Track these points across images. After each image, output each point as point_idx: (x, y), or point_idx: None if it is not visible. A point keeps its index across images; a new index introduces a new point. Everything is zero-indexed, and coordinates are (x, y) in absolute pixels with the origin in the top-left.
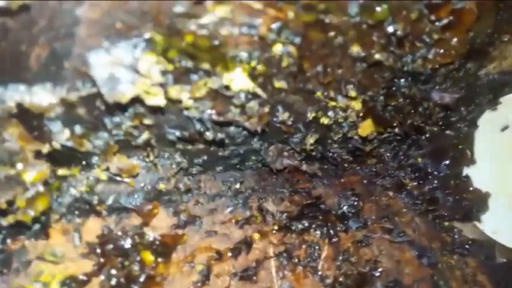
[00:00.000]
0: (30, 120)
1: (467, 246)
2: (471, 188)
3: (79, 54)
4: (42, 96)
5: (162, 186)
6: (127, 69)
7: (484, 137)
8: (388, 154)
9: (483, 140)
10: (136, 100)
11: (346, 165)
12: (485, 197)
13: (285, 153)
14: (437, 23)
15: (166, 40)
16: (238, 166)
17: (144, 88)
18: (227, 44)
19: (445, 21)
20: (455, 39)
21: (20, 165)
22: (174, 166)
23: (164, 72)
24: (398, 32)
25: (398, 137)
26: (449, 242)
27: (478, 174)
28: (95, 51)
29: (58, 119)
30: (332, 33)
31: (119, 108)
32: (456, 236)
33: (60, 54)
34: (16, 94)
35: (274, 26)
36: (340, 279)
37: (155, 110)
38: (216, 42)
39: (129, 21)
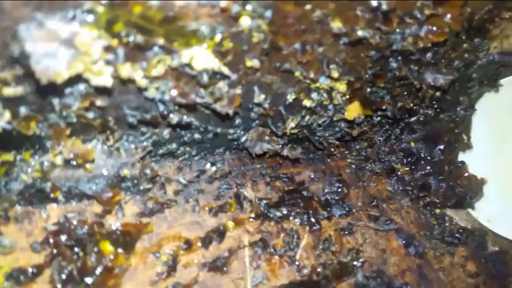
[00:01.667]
0: None
1: (457, 235)
2: (466, 174)
3: (7, 27)
4: None
5: (126, 172)
6: (63, 45)
7: (483, 120)
8: (379, 138)
9: (481, 124)
10: (80, 80)
11: (333, 149)
12: (481, 183)
13: (266, 137)
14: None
15: (110, 12)
16: (214, 150)
17: (85, 66)
18: (185, 17)
19: None
20: (449, 15)
21: None
22: (139, 150)
23: (108, 49)
24: (383, 7)
25: (389, 120)
26: (440, 231)
27: (475, 160)
28: (26, 25)
29: None
30: (308, 7)
31: (56, 88)
32: (447, 224)
33: None
34: None
35: None
36: (319, 269)
37: (104, 91)
38: (171, 14)
39: None
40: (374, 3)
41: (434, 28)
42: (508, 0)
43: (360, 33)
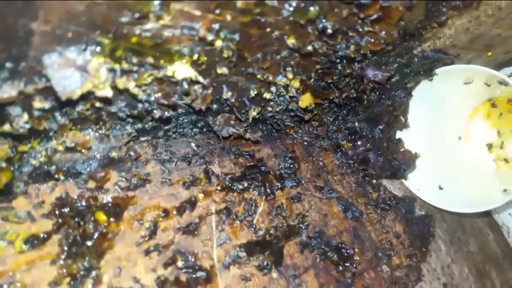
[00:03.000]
0: None
1: (389, 202)
2: (402, 149)
3: (34, 56)
4: (4, 90)
5: (114, 154)
6: (78, 70)
7: (419, 104)
8: (328, 118)
9: (418, 107)
10: (88, 93)
11: (288, 130)
12: (415, 157)
13: (232, 122)
14: (367, 19)
15: (113, 42)
16: (188, 133)
17: (94, 85)
18: (170, 42)
19: (374, 16)
20: (383, 32)
21: None
22: (125, 136)
23: (111, 70)
24: (329, 30)
25: (337, 105)
26: (375, 198)
27: (410, 137)
28: (48, 55)
29: (18, 105)
30: (268, 29)
31: (72, 101)
32: (381, 193)
33: (18, 57)
34: None
35: (213, 26)
36: (271, 231)
37: (105, 99)
38: (159, 41)
39: (79, 31)
40: (320, 26)
41: (372, 40)
42: (434, 16)
43: (309, 47)
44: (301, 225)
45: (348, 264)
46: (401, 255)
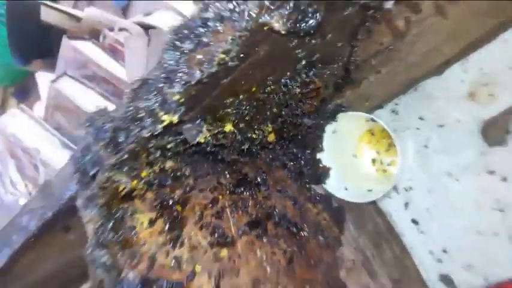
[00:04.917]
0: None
1: (318, 198)
2: (321, 165)
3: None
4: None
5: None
6: (197, 130)
7: (328, 135)
8: (278, 147)
9: (328, 137)
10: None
11: (258, 155)
12: (328, 170)
13: (231, 151)
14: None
15: (211, 117)
16: (208, 157)
17: (201, 138)
18: (228, 114)
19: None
20: (315, 103)
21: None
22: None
23: (208, 129)
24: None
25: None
26: (308, 196)
27: (325, 157)
28: (188, 128)
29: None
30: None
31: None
32: (312, 192)
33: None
34: None
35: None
36: (259, 215)
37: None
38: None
39: (205, 115)
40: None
41: (309, 105)
42: (338, 93)
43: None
44: (273, 212)
45: (302, 234)
46: (329, 231)
